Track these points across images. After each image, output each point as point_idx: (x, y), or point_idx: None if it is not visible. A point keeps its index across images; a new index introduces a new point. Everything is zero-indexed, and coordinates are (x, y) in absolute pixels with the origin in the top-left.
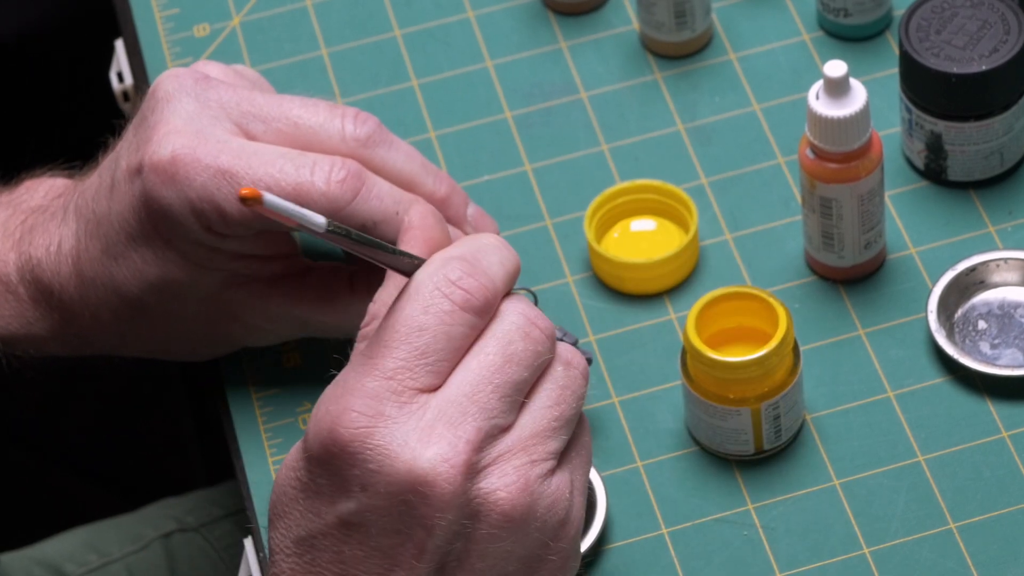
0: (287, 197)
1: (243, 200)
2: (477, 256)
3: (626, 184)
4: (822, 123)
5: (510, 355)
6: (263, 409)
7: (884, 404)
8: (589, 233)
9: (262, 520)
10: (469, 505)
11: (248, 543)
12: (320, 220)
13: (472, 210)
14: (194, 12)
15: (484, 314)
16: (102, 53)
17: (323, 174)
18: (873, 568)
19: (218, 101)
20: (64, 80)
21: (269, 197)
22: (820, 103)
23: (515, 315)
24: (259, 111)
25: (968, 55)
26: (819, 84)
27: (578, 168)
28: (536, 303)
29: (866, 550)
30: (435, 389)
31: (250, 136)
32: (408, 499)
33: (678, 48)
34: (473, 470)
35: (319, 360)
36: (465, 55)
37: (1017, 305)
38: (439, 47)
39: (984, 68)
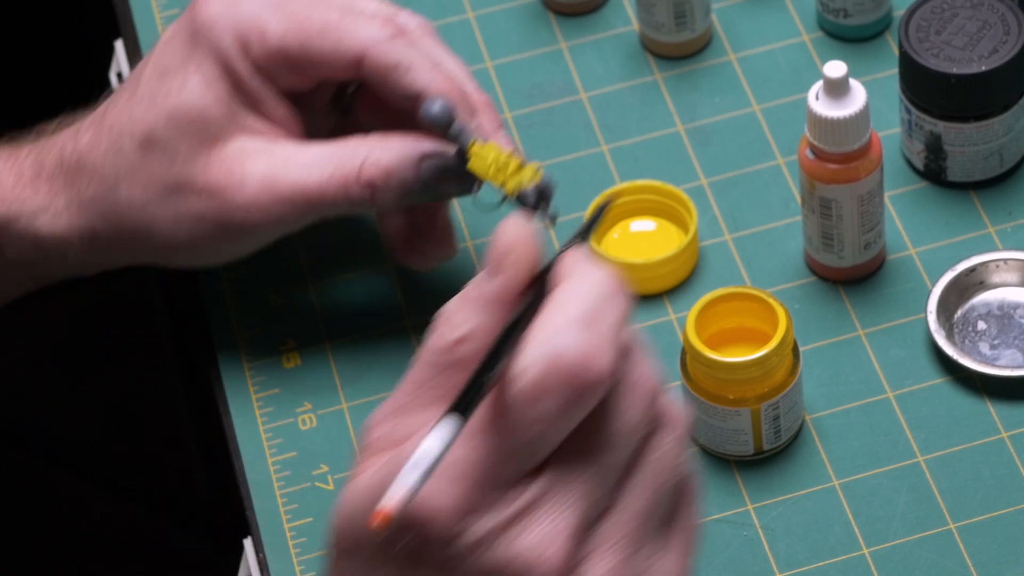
0: (338, 32)
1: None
2: (596, 322)
3: (626, 184)
4: (822, 123)
5: (611, 433)
6: (263, 409)
7: (884, 404)
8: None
9: (262, 520)
10: None
11: (248, 543)
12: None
13: (504, 138)
14: None
15: (599, 393)
16: (102, 53)
17: (376, 22)
18: (873, 568)
19: None
20: (64, 80)
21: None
22: (820, 103)
23: (620, 387)
24: None
25: (968, 55)
26: (819, 84)
27: (578, 168)
28: (552, 191)
29: (866, 550)
30: (531, 473)
31: None
32: None
33: (678, 48)
34: (572, 562)
35: (319, 360)
36: (465, 55)
37: (1017, 306)
38: None
39: (984, 68)
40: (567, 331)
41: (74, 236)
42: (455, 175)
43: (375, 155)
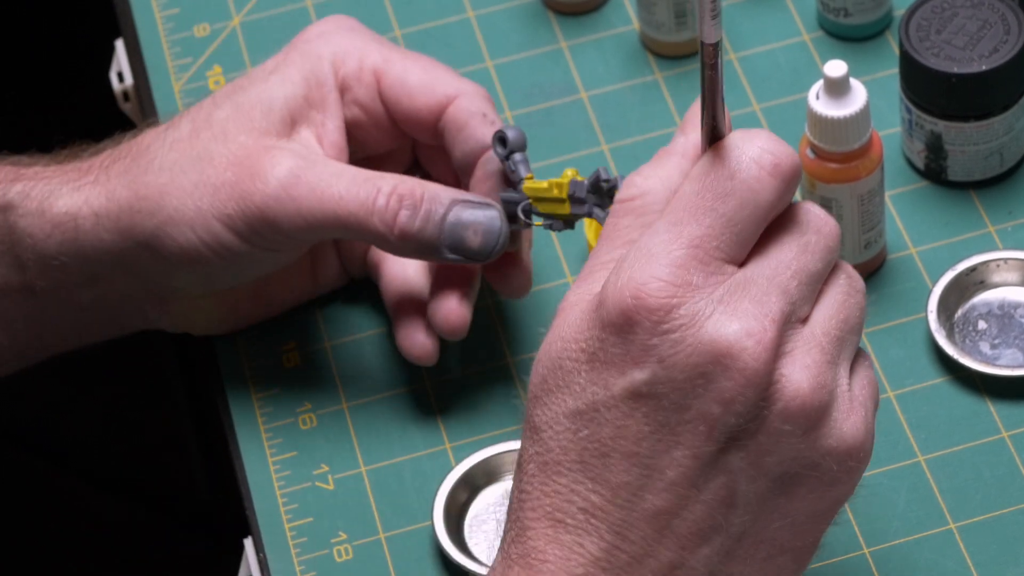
0: (439, 72)
1: None
2: (780, 140)
3: None
4: (822, 123)
5: (804, 244)
6: (263, 409)
7: (884, 404)
8: (589, 233)
9: (262, 520)
10: (769, 387)
11: (248, 543)
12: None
13: None
14: (194, 12)
15: (790, 183)
16: (102, 53)
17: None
18: (873, 568)
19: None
20: (64, 80)
21: None
22: (820, 103)
23: (804, 211)
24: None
25: (968, 55)
26: (819, 84)
27: (578, 168)
28: (605, 180)
29: (866, 550)
30: (737, 263)
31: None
32: (708, 371)
33: (678, 48)
34: (777, 351)
35: (319, 360)
36: (465, 55)
37: (1017, 305)
38: (439, 47)
39: (984, 68)
40: (759, 133)
41: (88, 207)
42: (485, 224)
43: (411, 182)
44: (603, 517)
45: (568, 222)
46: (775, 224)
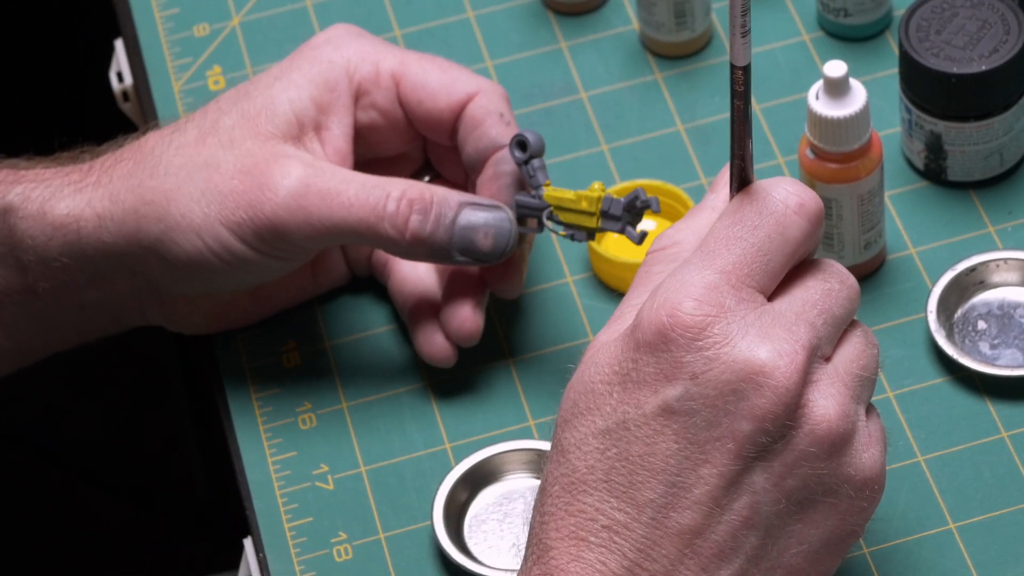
0: (458, 72)
1: None
2: (805, 186)
3: (626, 184)
4: (822, 123)
5: (828, 289)
6: (263, 409)
7: (884, 404)
8: None
9: (262, 520)
10: (798, 409)
11: (248, 543)
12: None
13: None
14: (194, 12)
15: (815, 223)
16: (102, 53)
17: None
18: (873, 568)
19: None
20: (64, 80)
21: None
22: (820, 103)
23: (828, 263)
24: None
25: (968, 55)
26: (819, 84)
27: (578, 168)
28: (639, 204)
29: (866, 550)
30: (766, 293)
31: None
32: (740, 388)
33: (678, 48)
34: (807, 375)
35: (319, 360)
36: (465, 55)
37: (1017, 305)
38: (439, 47)
39: (984, 68)
40: (784, 178)
41: (91, 209)
42: (495, 226)
43: (419, 186)
44: (627, 535)
45: (591, 233)
46: (800, 269)
